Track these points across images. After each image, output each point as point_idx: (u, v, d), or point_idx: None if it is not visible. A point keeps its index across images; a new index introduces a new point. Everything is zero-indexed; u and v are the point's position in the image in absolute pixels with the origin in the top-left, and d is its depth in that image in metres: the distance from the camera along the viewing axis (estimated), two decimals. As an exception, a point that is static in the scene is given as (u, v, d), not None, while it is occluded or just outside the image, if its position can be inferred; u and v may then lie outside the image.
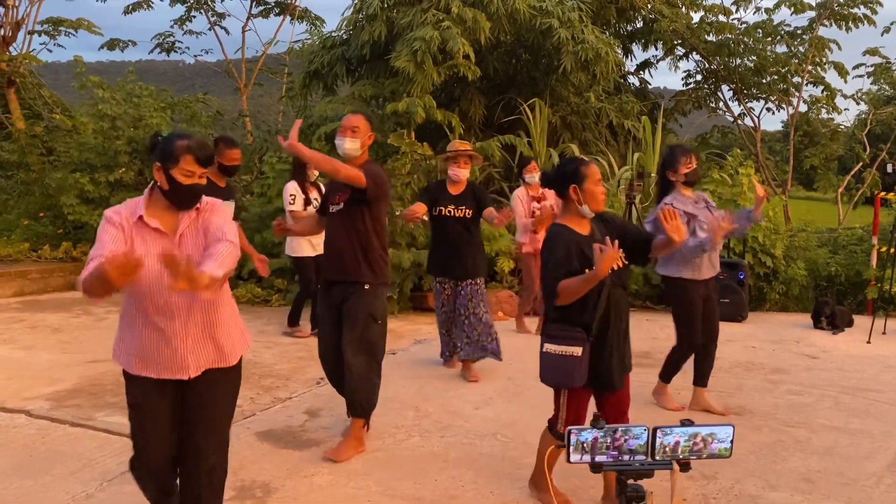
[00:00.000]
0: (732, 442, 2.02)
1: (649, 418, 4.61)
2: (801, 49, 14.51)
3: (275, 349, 6.59)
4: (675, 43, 14.43)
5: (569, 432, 1.95)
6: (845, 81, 15.03)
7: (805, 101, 15.28)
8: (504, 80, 12.53)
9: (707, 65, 14.98)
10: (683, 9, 14.59)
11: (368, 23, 11.37)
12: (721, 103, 15.71)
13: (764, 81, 14.53)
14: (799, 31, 14.79)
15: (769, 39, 14.53)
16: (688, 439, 1.99)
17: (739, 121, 15.86)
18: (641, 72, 15.83)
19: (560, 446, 2.00)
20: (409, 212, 5.52)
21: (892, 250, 7.90)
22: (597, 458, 1.97)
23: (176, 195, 2.70)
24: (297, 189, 6.82)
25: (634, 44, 15.04)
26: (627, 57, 14.94)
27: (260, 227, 8.96)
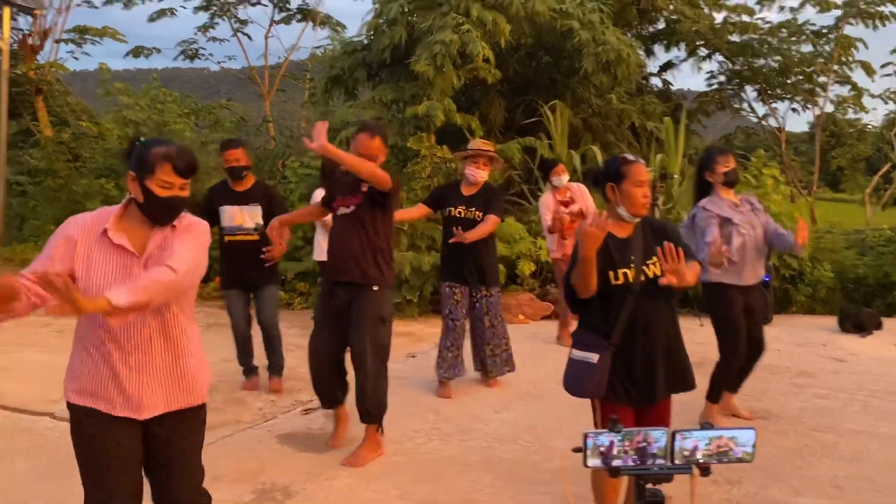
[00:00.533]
0: (755, 446, 1.98)
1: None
2: (827, 48, 14.34)
3: (295, 352, 6.59)
4: (698, 44, 14.32)
5: (585, 436, 1.92)
6: (872, 80, 14.85)
7: (831, 101, 15.12)
8: (524, 83, 12.49)
9: (730, 65, 14.86)
10: (706, 9, 14.48)
11: (389, 27, 11.39)
12: (745, 104, 15.58)
13: (789, 81, 14.38)
14: (825, 31, 14.61)
15: (794, 39, 14.37)
16: (707, 443, 1.96)
17: (764, 122, 15.70)
18: (664, 73, 15.73)
19: (577, 450, 1.96)
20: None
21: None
22: (614, 463, 1.94)
23: (151, 209, 2.39)
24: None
25: (656, 45, 14.95)
26: (649, 58, 14.86)
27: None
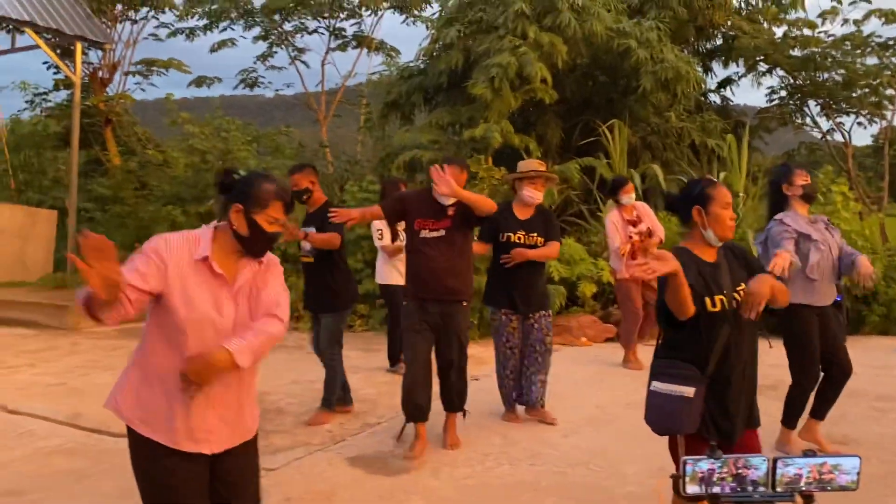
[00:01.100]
0: (860, 474, 1.91)
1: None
2: (894, 60, 13.93)
3: (359, 374, 6.64)
4: (758, 59, 14.07)
5: (684, 462, 1.88)
6: (942, 92, 14.34)
7: (899, 114, 14.64)
8: (580, 103, 12.46)
9: (792, 80, 14.54)
10: (765, 24, 14.24)
11: (445, 52, 11.54)
12: (808, 119, 15.21)
13: (854, 95, 13.99)
14: (891, 42, 14.21)
15: (859, 52, 14.00)
16: (810, 471, 1.89)
17: (828, 136, 15.29)
18: (722, 89, 15.47)
19: (674, 477, 1.92)
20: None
21: None
22: (713, 489, 1.89)
23: (253, 242, 2.38)
24: (383, 224, 6.56)
25: (714, 61, 14.75)
26: (707, 74, 14.64)
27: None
